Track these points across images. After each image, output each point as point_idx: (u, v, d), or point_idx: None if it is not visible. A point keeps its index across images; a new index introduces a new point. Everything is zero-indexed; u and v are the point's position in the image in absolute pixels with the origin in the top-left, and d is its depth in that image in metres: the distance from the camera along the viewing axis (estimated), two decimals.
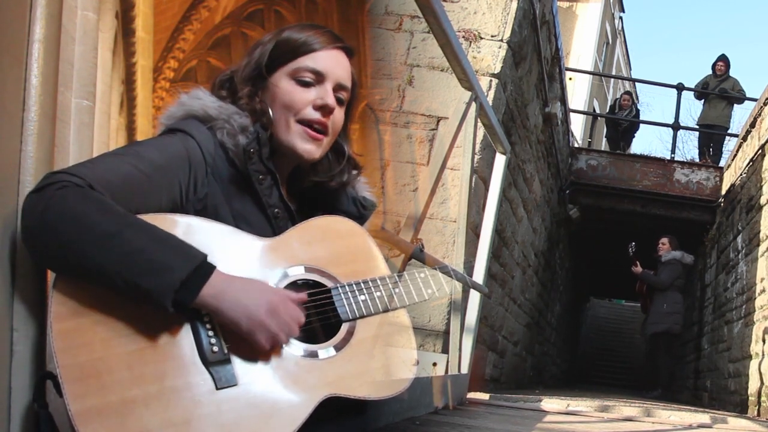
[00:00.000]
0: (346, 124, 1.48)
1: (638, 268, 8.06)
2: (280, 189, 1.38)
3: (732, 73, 9.31)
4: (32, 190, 1.12)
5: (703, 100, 9.59)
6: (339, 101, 1.42)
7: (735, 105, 9.47)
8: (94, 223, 1.09)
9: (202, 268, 1.14)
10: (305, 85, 1.38)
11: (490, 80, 4.33)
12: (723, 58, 9.34)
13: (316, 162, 1.43)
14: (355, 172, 1.49)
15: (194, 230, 1.20)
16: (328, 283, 1.33)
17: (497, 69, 4.34)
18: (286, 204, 1.40)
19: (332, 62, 1.40)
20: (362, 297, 1.34)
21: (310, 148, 1.38)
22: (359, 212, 1.51)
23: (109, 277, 1.09)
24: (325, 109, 1.38)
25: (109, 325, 1.11)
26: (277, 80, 1.38)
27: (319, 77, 1.39)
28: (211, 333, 1.16)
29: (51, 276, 1.14)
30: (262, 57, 1.39)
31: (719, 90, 9.13)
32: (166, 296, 1.10)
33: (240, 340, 1.18)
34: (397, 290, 1.39)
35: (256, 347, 1.18)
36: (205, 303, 1.14)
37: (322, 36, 1.41)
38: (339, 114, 1.42)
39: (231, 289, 1.16)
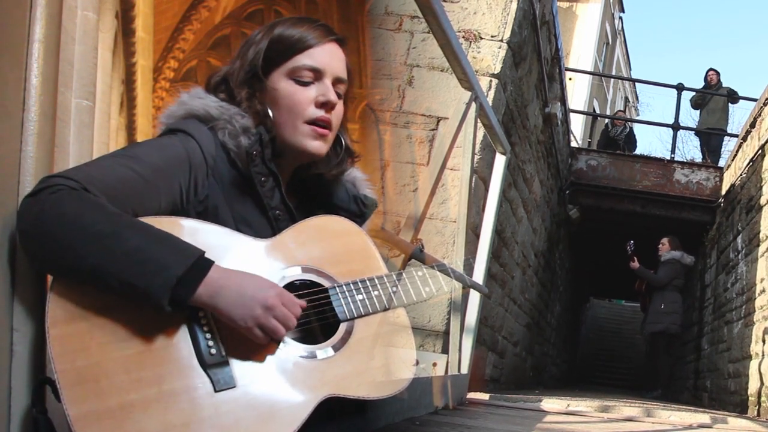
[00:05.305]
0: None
1: (636, 264, 8.07)
2: (282, 190, 1.38)
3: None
4: (28, 194, 1.12)
5: (699, 110, 9.70)
6: (337, 95, 1.41)
7: (731, 109, 9.61)
8: (89, 224, 1.09)
9: (198, 264, 1.13)
10: (305, 84, 1.37)
11: (490, 80, 4.33)
12: (712, 70, 9.49)
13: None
14: (350, 160, 1.49)
15: (190, 232, 1.20)
16: (326, 283, 1.32)
17: (497, 69, 4.34)
18: (288, 205, 1.39)
19: (328, 57, 1.39)
20: (360, 296, 1.33)
21: (318, 145, 1.39)
22: (360, 210, 1.51)
23: (105, 278, 1.08)
24: (327, 106, 1.38)
25: (106, 328, 1.10)
26: (275, 82, 1.37)
27: (318, 74, 1.38)
28: (208, 335, 1.16)
29: (50, 277, 1.14)
30: (257, 58, 1.37)
31: (714, 100, 9.25)
32: (162, 294, 1.09)
33: (238, 340, 1.18)
34: (395, 289, 1.38)
35: (255, 342, 1.18)
36: (202, 300, 1.14)
37: (315, 30, 1.39)
38: (339, 107, 1.42)
39: (227, 285, 1.15)
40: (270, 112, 1.36)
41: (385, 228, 2.49)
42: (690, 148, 18.38)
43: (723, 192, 8.11)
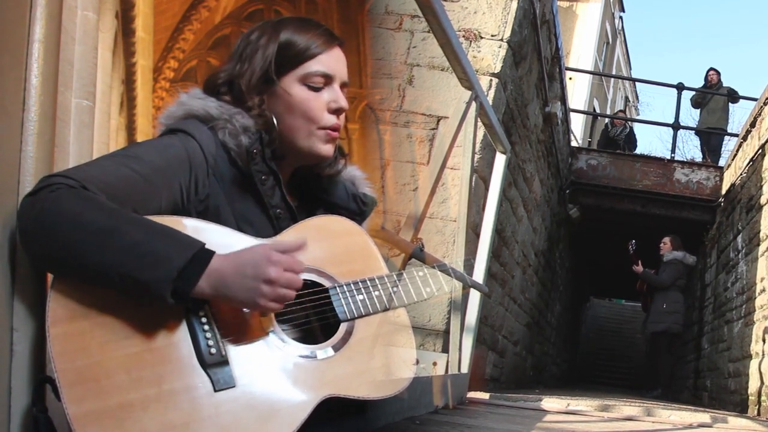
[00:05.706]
0: None
1: (639, 267, 8.07)
2: (282, 189, 1.39)
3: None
4: (28, 193, 1.12)
5: (699, 110, 9.72)
6: None
7: (732, 108, 9.64)
8: (89, 222, 1.09)
9: (199, 256, 1.13)
10: (317, 89, 1.39)
11: (490, 80, 4.33)
12: (713, 69, 9.53)
13: None
14: (343, 160, 1.51)
15: (192, 232, 1.20)
16: (326, 283, 1.32)
17: (497, 68, 4.34)
18: (288, 204, 1.40)
19: (336, 63, 1.42)
20: (360, 296, 1.33)
21: (328, 148, 1.42)
22: (359, 208, 1.52)
23: (106, 274, 1.08)
24: (339, 112, 1.41)
25: (106, 328, 1.10)
26: (287, 87, 1.38)
27: (329, 79, 1.40)
28: (208, 335, 1.16)
29: (50, 276, 1.14)
30: (266, 63, 1.38)
31: (714, 99, 9.27)
32: (164, 287, 1.09)
33: (238, 339, 1.19)
34: (395, 289, 1.39)
35: (271, 312, 1.21)
36: (206, 292, 1.14)
37: (322, 36, 1.41)
38: None
39: (227, 273, 1.15)
40: (275, 119, 1.37)
41: (386, 227, 2.49)
42: (690, 147, 18.41)
43: (723, 191, 8.11)
